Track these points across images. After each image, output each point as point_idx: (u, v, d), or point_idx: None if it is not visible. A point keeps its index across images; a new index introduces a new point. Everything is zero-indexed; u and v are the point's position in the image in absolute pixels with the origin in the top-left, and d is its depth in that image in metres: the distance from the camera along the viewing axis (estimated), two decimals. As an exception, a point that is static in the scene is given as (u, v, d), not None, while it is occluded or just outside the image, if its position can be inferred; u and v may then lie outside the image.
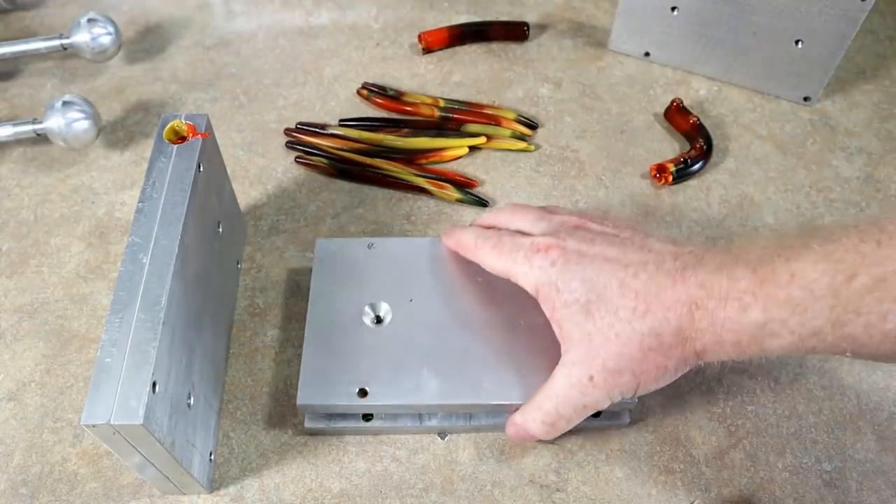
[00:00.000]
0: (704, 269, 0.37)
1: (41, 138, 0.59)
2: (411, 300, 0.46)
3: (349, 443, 0.46)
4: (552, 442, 0.45)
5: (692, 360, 0.39)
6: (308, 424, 0.45)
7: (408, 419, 0.45)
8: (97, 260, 0.54)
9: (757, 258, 0.36)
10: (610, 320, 0.38)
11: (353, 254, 0.49)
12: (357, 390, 0.43)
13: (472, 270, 0.47)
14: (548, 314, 0.41)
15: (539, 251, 0.41)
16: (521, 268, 0.41)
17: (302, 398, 0.43)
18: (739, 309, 0.36)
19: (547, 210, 0.45)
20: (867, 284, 0.33)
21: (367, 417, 0.45)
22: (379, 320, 0.46)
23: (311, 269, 0.49)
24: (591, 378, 0.39)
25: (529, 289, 0.41)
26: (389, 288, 0.47)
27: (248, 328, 0.50)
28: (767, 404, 0.48)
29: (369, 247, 0.49)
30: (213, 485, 0.44)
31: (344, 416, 0.45)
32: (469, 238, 0.46)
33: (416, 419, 0.45)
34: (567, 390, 0.39)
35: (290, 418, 0.46)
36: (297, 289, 0.52)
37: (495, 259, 0.43)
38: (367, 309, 0.46)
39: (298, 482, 0.44)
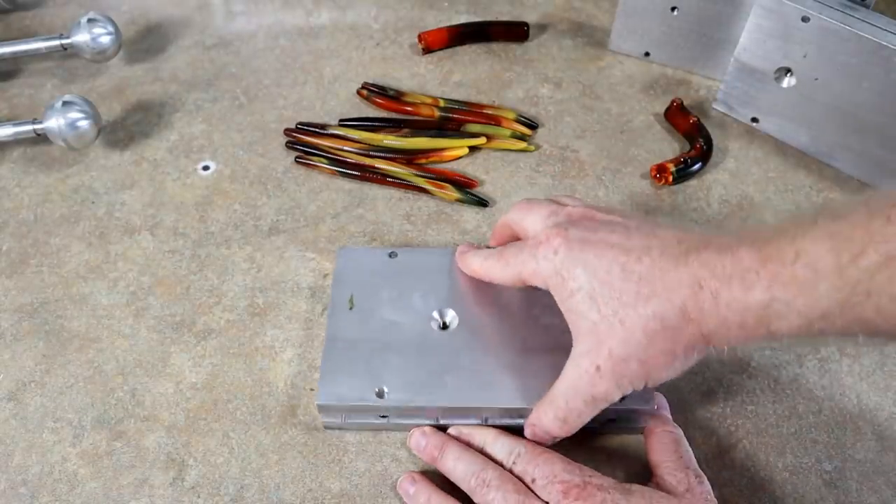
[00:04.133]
0: (708, 251, 0.36)
1: (41, 138, 0.59)
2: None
3: (349, 443, 0.46)
4: (564, 443, 0.45)
5: (700, 345, 0.37)
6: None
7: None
8: (97, 260, 0.54)
9: (764, 238, 0.35)
10: (614, 307, 0.37)
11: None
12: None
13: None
14: (560, 306, 0.40)
15: (542, 243, 0.41)
16: (529, 265, 0.41)
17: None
18: (743, 288, 0.34)
19: (556, 202, 0.45)
20: (877, 262, 0.31)
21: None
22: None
23: (311, 269, 0.49)
24: (598, 368, 0.38)
25: (541, 284, 0.41)
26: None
27: (248, 328, 0.50)
28: (767, 404, 0.47)
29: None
30: (213, 484, 0.44)
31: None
32: (476, 261, 0.46)
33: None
34: (575, 382, 0.39)
35: (289, 418, 0.46)
36: (298, 289, 0.52)
37: (505, 269, 0.43)
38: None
39: (298, 482, 0.44)
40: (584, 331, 0.39)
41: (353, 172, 0.58)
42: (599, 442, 0.46)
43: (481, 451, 0.43)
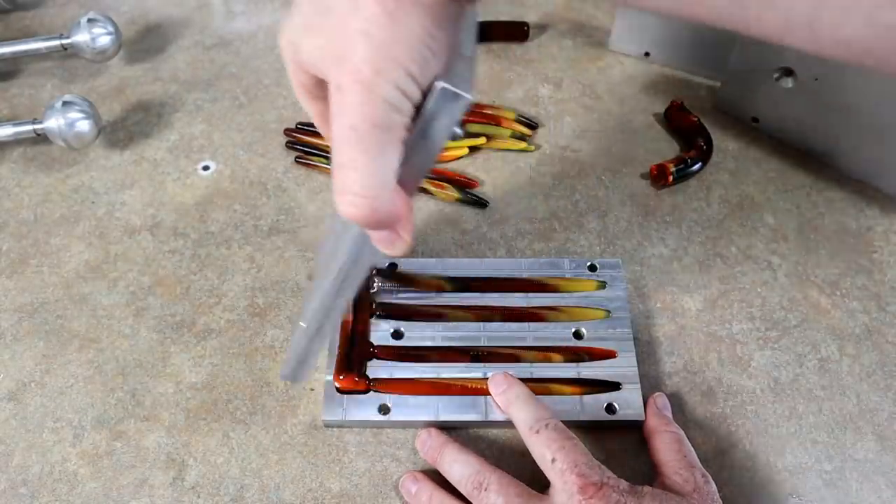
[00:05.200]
0: None
1: (41, 138, 0.59)
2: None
3: (349, 443, 0.46)
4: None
5: None
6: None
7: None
8: (97, 260, 0.54)
9: None
10: (325, 18, 0.30)
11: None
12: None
13: None
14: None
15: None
16: (293, 79, 0.34)
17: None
18: None
19: None
20: None
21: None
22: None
23: (311, 269, 0.49)
24: (339, 86, 0.29)
25: (298, 76, 0.33)
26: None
27: (248, 328, 0.50)
28: (767, 404, 0.48)
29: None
30: (213, 484, 0.44)
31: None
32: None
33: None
34: (333, 126, 0.30)
35: (289, 418, 0.46)
36: (298, 289, 0.52)
37: (298, 94, 0.35)
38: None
39: (298, 482, 0.44)
40: (330, 77, 0.30)
41: (353, 172, 0.58)
42: (599, 442, 0.46)
43: (508, 409, 0.43)
